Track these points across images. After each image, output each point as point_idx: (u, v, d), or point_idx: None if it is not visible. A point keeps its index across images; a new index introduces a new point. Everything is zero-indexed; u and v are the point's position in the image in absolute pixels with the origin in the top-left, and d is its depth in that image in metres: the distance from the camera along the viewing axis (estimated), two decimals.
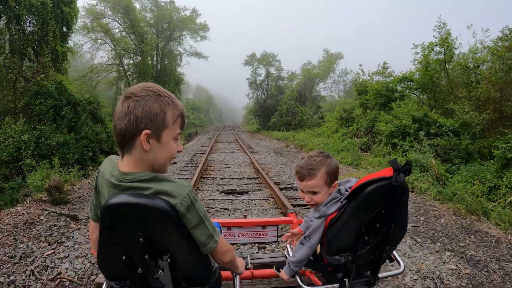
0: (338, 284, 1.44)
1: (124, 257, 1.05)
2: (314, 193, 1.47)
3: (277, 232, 2.71)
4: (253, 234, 2.65)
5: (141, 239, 1.02)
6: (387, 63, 17.98)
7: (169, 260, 1.06)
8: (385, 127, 12.43)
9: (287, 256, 1.65)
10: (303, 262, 1.49)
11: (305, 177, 1.47)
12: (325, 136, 19.47)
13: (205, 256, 1.14)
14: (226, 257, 1.20)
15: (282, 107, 31.98)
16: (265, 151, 13.88)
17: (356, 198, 1.29)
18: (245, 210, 4.81)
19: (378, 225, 1.34)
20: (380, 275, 1.52)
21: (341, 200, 1.40)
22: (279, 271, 1.66)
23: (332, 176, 1.47)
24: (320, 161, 1.46)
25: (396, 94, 15.17)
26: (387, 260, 1.52)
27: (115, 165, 1.09)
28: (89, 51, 29.01)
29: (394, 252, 1.53)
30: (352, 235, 1.35)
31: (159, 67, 31.05)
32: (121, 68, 29.15)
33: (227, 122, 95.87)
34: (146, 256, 1.05)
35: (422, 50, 18.29)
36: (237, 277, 1.50)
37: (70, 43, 30.35)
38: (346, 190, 1.43)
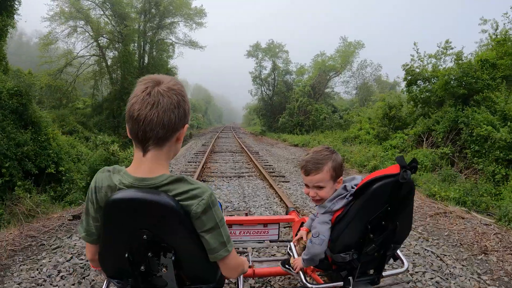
0: (342, 282, 1.43)
1: (127, 255, 1.01)
2: (320, 187, 1.46)
3: (279, 231, 2.65)
4: (254, 232, 2.59)
5: (144, 236, 0.97)
6: (450, 42, 12.97)
7: (173, 258, 1.01)
8: (498, 134, 7.38)
9: (289, 253, 1.72)
10: (316, 259, 1.44)
11: (312, 171, 1.45)
12: (362, 142, 14.44)
13: None
14: (234, 273, 1.13)
15: (292, 104, 26.93)
16: (292, 170, 8.75)
17: (363, 195, 1.28)
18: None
19: (383, 222, 1.32)
20: (384, 273, 1.50)
21: (347, 197, 1.39)
22: (285, 266, 1.77)
23: (338, 171, 1.46)
24: (326, 156, 1.45)
25: (481, 83, 10.07)
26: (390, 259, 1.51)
27: (124, 173, 1.01)
28: (65, 40, 24.15)
29: (398, 251, 1.53)
30: (358, 232, 1.33)
31: (146, 58, 26.01)
32: (103, 63, 24.19)
33: (227, 123, 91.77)
34: (149, 254, 1.01)
35: (493, 26, 13.43)
36: (241, 275, 1.46)
37: (44, 30, 25.70)
38: (352, 187, 1.42)
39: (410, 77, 13.42)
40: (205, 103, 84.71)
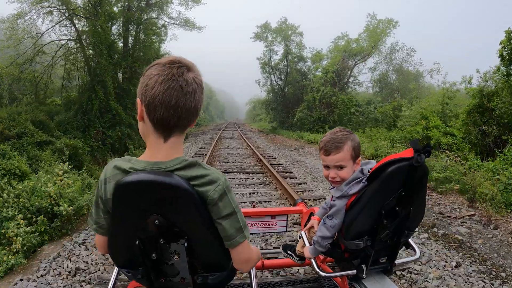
0: (355, 271, 1.40)
1: (137, 242, 0.95)
2: (341, 167, 1.42)
3: (287, 222, 2.60)
4: (262, 224, 2.54)
5: (156, 221, 0.91)
6: None
7: (186, 244, 0.94)
8: None
9: (298, 240, 1.80)
10: (327, 241, 1.42)
11: (332, 151, 1.43)
12: (441, 147, 9.47)
13: None
14: (246, 265, 1.05)
15: (311, 95, 21.86)
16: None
17: (377, 179, 1.26)
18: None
19: (397, 208, 1.30)
20: (396, 261, 1.48)
21: (363, 181, 1.35)
22: (286, 252, 1.86)
23: (357, 151, 1.43)
24: (345, 136, 1.43)
25: None
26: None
27: (135, 161, 0.95)
28: (35, 21, 19.26)
29: (410, 239, 1.50)
30: (371, 218, 1.31)
31: (130, 42, 21.00)
32: (79, 47, 19.22)
33: (230, 119, 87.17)
34: (161, 240, 0.95)
35: None
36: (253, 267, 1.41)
37: (10, 12, 20.89)
38: (368, 171, 1.38)
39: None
40: (207, 98, 79.83)
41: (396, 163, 1.21)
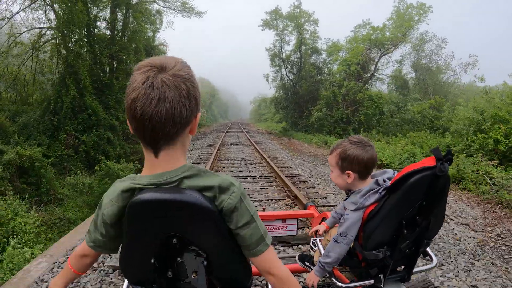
0: (372, 280, 1.37)
1: (153, 260, 0.87)
2: (332, 170, 1.47)
3: (297, 226, 2.54)
4: (272, 228, 2.48)
5: (174, 240, 0.84)
6: None
7: (205, 262, 0.87)
8: None
9: (313, 248, 1.68)
10: (339, 262, 1.38)
11: (329, 152, 1.49)
12: None
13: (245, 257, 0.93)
14: (273, 276, 0.93)
15: (332, 91, 18.48)
16: None
17: (400, 189, 1.22)
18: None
19: (417, 218, 1.27)
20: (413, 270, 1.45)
21: (379, 191, 1.30)
22: (303, 262, 1.77)
23: (344, 162, 1.39)
24: (342, 143, 1.43)
25: None
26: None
27: (139, 177, 0.85)
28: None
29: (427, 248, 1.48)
30: (392, 229, 1.28)
31: (117, 28, 17.77)
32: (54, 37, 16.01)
33: (233, 119, 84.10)
34: (178, 259, 0.87)
35: None
36: None
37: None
38: (384, 181, 1.33)
39: None
40: (209, 97, 76.42)
41: (419, 173, 1.17)
